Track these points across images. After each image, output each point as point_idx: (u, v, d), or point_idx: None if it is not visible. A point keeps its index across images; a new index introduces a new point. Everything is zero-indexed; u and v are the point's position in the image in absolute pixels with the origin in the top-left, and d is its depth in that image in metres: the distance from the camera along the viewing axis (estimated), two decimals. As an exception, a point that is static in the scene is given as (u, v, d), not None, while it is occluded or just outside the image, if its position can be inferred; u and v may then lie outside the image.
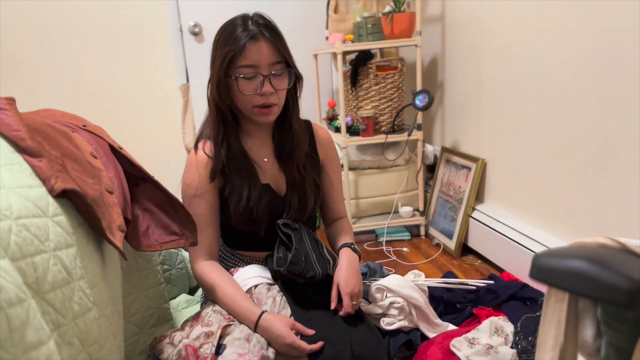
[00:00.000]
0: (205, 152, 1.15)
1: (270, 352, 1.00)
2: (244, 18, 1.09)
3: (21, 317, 0.52)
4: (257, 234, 1.17)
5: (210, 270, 1.14)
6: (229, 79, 1.09)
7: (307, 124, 1.28)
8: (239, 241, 1.24)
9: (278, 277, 1.13)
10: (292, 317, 1.06)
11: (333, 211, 1.34)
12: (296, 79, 1.15)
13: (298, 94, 1.18)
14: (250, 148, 1.19)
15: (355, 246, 1.23)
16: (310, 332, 1.00)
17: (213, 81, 1.11)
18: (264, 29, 1.06)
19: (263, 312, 1.04)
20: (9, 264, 0.54)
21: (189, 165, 1.17)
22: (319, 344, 0.98)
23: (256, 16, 1.09)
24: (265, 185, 1.18)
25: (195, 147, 1.19)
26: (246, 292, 1.12)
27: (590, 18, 1.36)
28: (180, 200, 1.03)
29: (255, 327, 1.03)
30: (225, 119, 1.13)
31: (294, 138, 1.18)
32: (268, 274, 1.18)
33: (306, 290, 1.11)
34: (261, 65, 1.06)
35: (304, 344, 0.98)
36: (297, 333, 1.03)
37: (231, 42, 1.06)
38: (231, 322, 1.06)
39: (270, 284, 1.15)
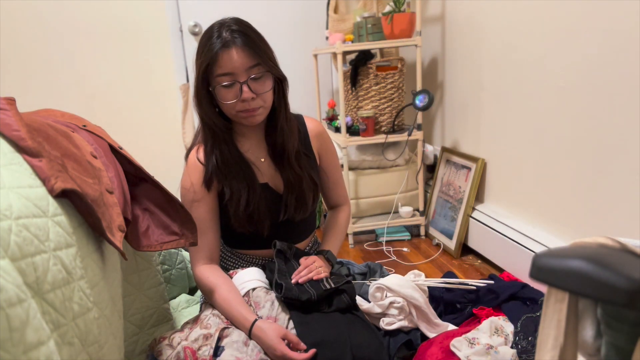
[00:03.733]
0: (198, 158, 1.16)
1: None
2: (220, 25, 1.07)
3: (21, 317, 0.52)
4: (260, 234, 1.18)
5: (209, 274, 1.14)
6: (208, 89, 1.09)
7: (299, 118, 1.26)
8: (240, 241, 1.24)
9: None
10: (291, 321, 1.06)
11: (331, 199, 1.39)
12: (280, 81, 1.14)
13: (283, 95, 1.16)
14: (247, 150, 1.19)
15: (331, 255, 1.24)
16: (302, 346, 0.99)
17: (194, 92, 1.11)
18: (237, 35, 1.04)
19: (256, 320, 1.03)
20: (9, 264, 0.54)
21: (186, 171, 1.17)
22: (311, 352, 0.97)
23: (230, 21, 1.07)
24: (263, 185, 1.18)
25: (189, 152, 1.19)
26: (244, 295, 1.12)
27: (590, 18, 1.36)
28: (180, 201, 1.03)
29: (250, 335, 1.02)
30: (212, 128, 1.13)
31: (283, 136, 1.17)
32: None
33: None
34: (236, 72, 1.05)
35: (295, 355, 0.96)
36: (296, 335, 1.03)
37: (205, 52, 1.06)
38: (229, 325, 1.06)
39: (268, 288, 1.15)
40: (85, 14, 2.54)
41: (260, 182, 1.18)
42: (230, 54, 1.03)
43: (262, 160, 1.20)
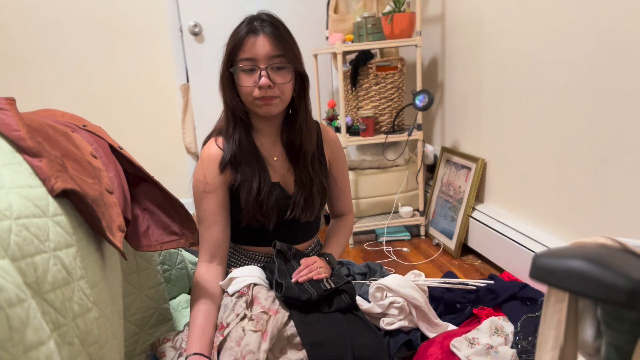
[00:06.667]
0: (217, 145, 1.18)
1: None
2: (253, 16, 1.12)
3: (21, 317, 0.52)
4: (266, 228, 1.18)
5: (199, 283, 1.13)
6: (230, 72, 1.12)
7: (316, 124, 1.29)
8: (245, 235, 1.24)
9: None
10: (292, 320, 1.05)
11: (337, 207, 1.40)
12: (301, 79, 1.16)
13: (304, 93, 1.18)
14: (260, 145, 1.21)
15: (332, 258, 1.24)
16: None
17: (220, 75, 1.15)
18: (266, 25, 1.09)
19: (195, 354, 0.99)
20: (9, 264, 0.54)
21: (200, 162, 1.19)
22: None
23: (262, 14, 1.12)
24: (274, 183, 1.19)
25: (205, 143, 1.21)
26: (243, 287, 1.11)
27: (589, 18, 1.36)
28: (180, 201, 1.03)
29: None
30: (235, 113, 1.16)
31: (302, 135, 1.19)
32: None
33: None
34: (259, 58, 1.08)
35: None
36: (296, 334, 1.03)
37: (233, 36, 1.11)
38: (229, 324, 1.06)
39: (269, 288, 1.15)
40: (85, 14, 2.54)
41: (272, 180, 1.19)
42: (255, 41, 1.08)
43: (275, 159, 1.21)
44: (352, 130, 2.24)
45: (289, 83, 1.12)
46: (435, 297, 1.47)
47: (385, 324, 1.30)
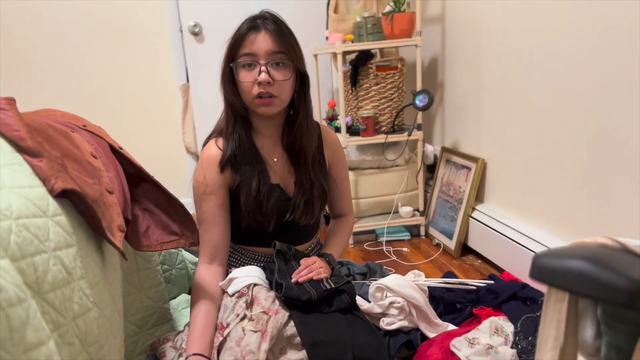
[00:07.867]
0: (217, 146, 1.17)
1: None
2: (254, 15, 1.12)
3: (21, 317, 0.52)
4: (265, 229, 1.18)
5: (199, 284, 1.13)
6: (231, 68, 1.12)
7: (317, 126, 1.28)
8: (245, 235, 1.24)
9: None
10: (292, 320, 1.05)
11: (337, 208, 1.40)
12: (301, 78, 1.16)
13: (305, 93, 1.18)
14: (261, 147, 1.21)
15: (332, 258, 1.24)
16: None
17: (221, 71, 1.15)
18: (268, 22, 1.09)
19: (195, 354, 1.00)
20: (9, 264, 0.54)
21: (200, 163, 1.19)
22: None
23: (265, 13, 1.13)
24: (274, 185, 1.19)
25: (205, 144, 1.21)
26: (243, 288, 1.11)
27: (590, 18, 1.36)
28: (180, 201, 1.03)
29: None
30: (235, 111, 1.16)
31: (302, 137, 1.19)
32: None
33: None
34: (259, 53, 1.08)
35: None
36: (296, 334, 1.03)
37: (235, 32, 1.11)
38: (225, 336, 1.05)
39: (269, 288, 1.15)
40: (85, 14, 2.54)
41: (272, 182, 1.19)
42: (257, 37, 1.08)
43: (275, 160, 1.21)
44: (352, 130, 2.24)
45: (289, 81, 1.12)
46: (435, 297, 1.47)
47: (385, 324, 1.30)
